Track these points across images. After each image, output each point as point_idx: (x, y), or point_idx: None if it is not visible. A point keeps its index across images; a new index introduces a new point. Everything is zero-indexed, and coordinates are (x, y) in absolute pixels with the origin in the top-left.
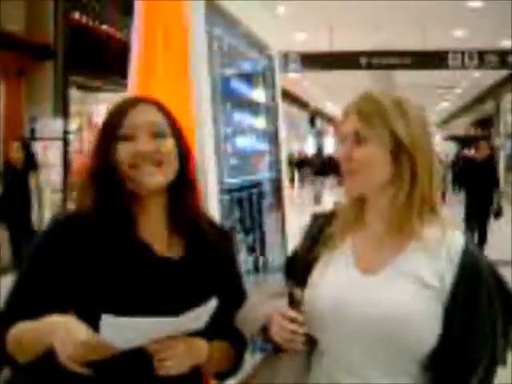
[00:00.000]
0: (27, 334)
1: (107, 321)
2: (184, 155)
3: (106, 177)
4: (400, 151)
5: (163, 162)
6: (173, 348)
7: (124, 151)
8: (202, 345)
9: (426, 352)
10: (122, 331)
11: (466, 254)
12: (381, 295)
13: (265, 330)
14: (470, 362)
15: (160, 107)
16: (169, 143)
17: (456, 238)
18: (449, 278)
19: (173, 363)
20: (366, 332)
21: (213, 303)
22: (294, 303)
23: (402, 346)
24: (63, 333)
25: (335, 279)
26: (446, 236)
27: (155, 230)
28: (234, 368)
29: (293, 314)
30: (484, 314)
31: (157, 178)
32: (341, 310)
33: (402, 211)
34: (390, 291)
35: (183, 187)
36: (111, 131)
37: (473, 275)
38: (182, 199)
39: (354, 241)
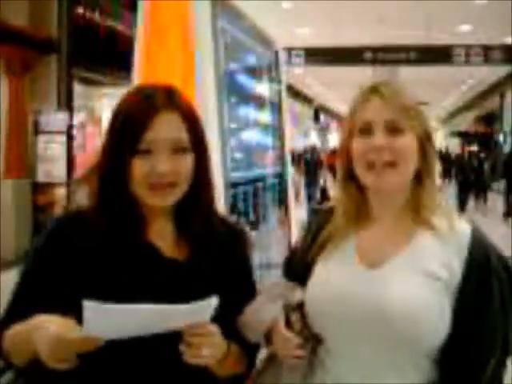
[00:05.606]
0: (17, 335)
1: (90, 307)
2: (202, 166)
3: (115, 184)
4: (426, 140)
5: (178, 183)
6: (212, 336)
7: (139, 168)
8: (222, 341)
9: (437, 346)
10: (107, 319)
11: (475, 244)
12: (387, 289)
13: (267, 336)
14: (482, 356)
15: (184, 114)
16: (187, 160)
17: (464, 228)
18: (458, 270)
19: (208, 352)
20: (373, 328)
21: (213, 300)
22: (290, 324)
23: (411, 341)
24: (39, 330)
25: (339, 276)
26: (453, 226)
27: (163, 231)
28: (243, 373)
29: (289, 336)
30: (495, 307)
31: (168, 198)
32: (347, 308)
33: (424, 201)
34: (396, 284)
35: (195, 189)
36: (128, 145)
37: (483, 267)
38: (192, 200)
39: (357, 236)
